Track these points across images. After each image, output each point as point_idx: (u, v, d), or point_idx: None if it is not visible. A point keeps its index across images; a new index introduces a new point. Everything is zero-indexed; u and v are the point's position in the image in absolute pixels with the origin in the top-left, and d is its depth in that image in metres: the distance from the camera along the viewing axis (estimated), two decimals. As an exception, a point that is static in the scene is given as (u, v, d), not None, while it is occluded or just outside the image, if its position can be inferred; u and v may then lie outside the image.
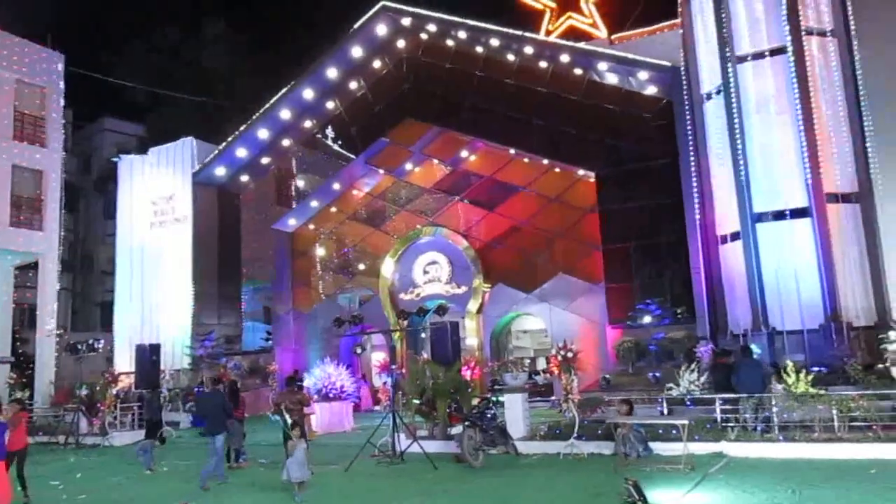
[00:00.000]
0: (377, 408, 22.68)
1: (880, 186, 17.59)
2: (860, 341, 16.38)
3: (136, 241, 28.72)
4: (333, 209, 28.61)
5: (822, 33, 18.15)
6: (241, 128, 27.37)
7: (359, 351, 14.37)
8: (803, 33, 17.89)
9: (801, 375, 12.51)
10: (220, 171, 27.98)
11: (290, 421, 12.44)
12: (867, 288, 17.25)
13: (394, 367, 14.34)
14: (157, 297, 27.73)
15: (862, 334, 16.51)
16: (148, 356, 19.42)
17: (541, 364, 26.52)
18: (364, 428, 16.98)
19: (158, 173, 28.82)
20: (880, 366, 15.06)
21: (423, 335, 20.75)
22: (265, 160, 28.62)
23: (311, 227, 28.89)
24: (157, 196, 28.64)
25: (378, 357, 25.32)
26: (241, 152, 27.70)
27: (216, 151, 27.72)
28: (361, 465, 12.71)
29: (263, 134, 27.42)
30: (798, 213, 17.61)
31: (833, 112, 17.92)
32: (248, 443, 14.36)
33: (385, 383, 15.57)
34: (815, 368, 14.61)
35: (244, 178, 28.75)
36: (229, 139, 27.45)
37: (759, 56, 18.40)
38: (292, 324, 28.38)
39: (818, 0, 18.29)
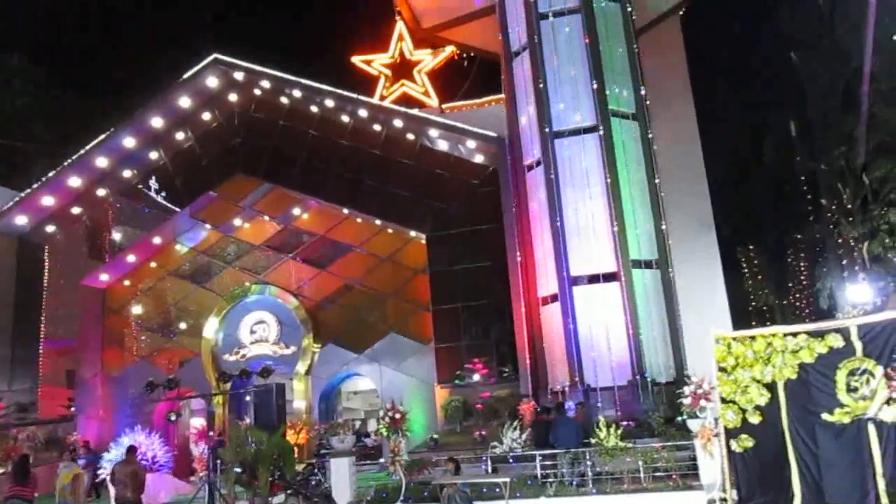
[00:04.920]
0: (193, 478, 21.11)
1: (673, 255, 19.63)
2: (662, 396, 17.82)
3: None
4: (153, 264, 26.83)
5: (625, 116, 20.20)
6: (50, 174, 25.10)
7: (173, 418, 13.36)
8: (610, 115, 19.79)
9: (612, 430, 13.37)
10: (22, 220, 25.38)
11: None
12: (667, 346, 18.93)
13: (212, 433, 13.50)
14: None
15: (664, 390, 17.98)
16: None
17: (372, 425, 26.16)
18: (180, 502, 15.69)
19: (-58, 220, 25.54)
20: (679, 419, 16.45)
21: (246, 399, 19.81)
22: (77, 210, 26.39)
23: (127, 283, 26.85)
24: (-60, 245, 25.33)
25: (197, 423, 23.74)
26: (49, 200, 25.36)
27: (17, 198, 25.16)
28: (171, 544, 11.67)
29: (76, 182, 25.36)
30: (609, 278, 19.06)
31: (636, 186, 19.83)
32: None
33: (202, 452, 14.62)
34: (625, 423, 15.71)
35: (51, 228, 26.27)
36: (35, 186, 25.05)
37: (574, 133, 20.04)
38: (100, 388, 25.86)
39: (622, 87, 20.39)
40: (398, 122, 23.65)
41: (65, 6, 40.18)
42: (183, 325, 26.26)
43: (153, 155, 26.06)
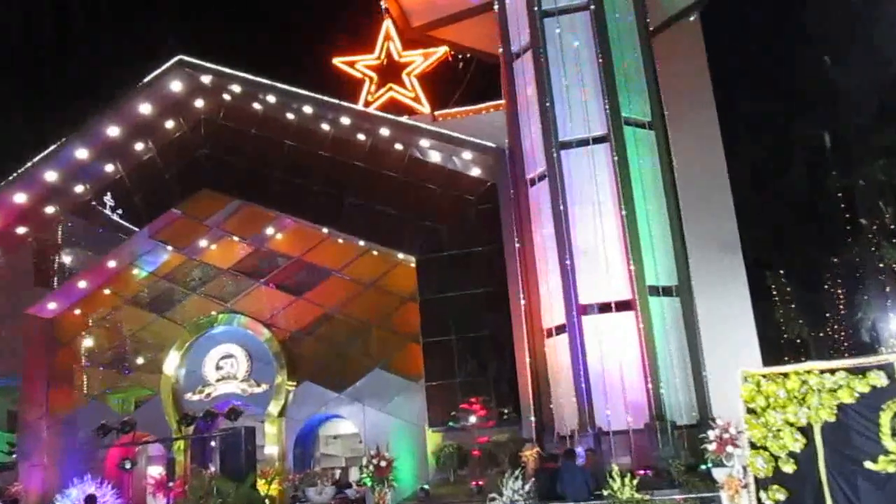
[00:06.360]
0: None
1: (695, 281, 19.57)
2: (684, 441, 17.63)
3: None
4: (108, 291, 26.68)
5: (640, 124, 20.25)
6: (-8, 191, 25.10)
7: (127, 466, 13.21)
8: (623, 123, 19.83)
9: (627, 480, 13.22)
10: (-41, 243, 25.31)
11: None
12: (689, 383, 18.79)
13: (172, 484, 13.35)
14: None
15: (685, 434, 17.80)
16: None
17: (354, 475, 25.93)
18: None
19: None
20: (702, 467, 16.30)
21: (211, 444, 19.64)
22: (21, 230, 26.27)
23: (78, 312, 26.67)
24: None
25: (155, 472, 23.47)
26: (-10, 220, 25.31)
27: (-46, 218, 25.11)
28: None
29: (21, 198, 25.30)
30: (623, 306, 18.95)
31: (653, 203, 19.82)
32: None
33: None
34: (642, 471, 15.55)
35: (-9, 251, 26.17)
36: (-26, 204, 25.02)
37: (583, 143, 20.06)
38: (46, 432, 25.55)
39: (636, 92, 20.46)
40: (385, 131, 23.69)
41: (14, 12, 40.48)
42: (140, 360, 26.06)
43: (109, 168, 26.04)
